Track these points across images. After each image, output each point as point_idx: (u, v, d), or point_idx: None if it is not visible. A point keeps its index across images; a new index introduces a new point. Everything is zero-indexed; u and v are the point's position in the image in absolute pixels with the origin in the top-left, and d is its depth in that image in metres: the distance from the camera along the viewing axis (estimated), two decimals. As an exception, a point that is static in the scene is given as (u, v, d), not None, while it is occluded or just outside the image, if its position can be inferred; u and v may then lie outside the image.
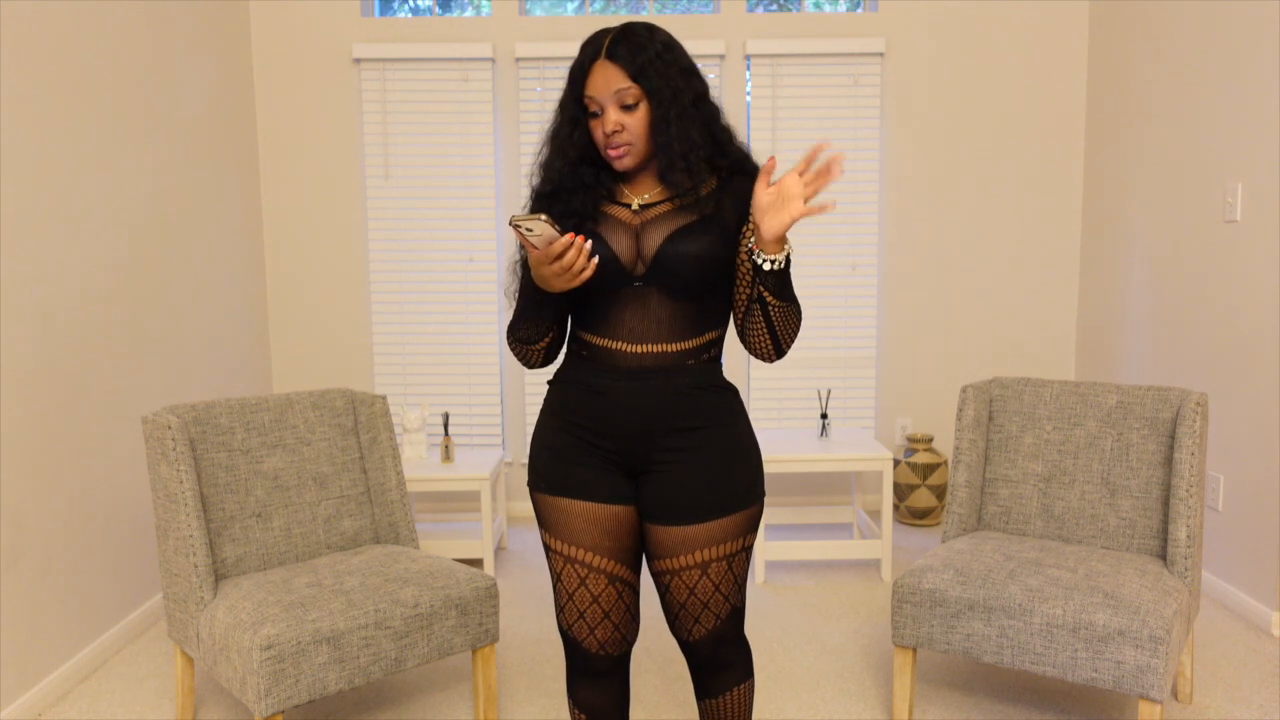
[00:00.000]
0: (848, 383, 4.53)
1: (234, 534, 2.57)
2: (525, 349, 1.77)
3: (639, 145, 1.67)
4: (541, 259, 1.57)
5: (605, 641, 1.80)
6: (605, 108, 1.65)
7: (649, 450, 1.74)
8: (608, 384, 1.73)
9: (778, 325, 1.69)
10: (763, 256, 1.61)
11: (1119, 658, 2.24)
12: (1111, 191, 4.15)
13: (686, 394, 1.72)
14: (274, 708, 2.20)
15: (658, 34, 1.67)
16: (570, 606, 1.79)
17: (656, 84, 1.64)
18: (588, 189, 1.72)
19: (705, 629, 1.79)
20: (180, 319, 3.57)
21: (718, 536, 1.73)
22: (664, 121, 1.65)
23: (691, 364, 1.73)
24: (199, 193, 3.75)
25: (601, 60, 1.65)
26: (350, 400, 2.84)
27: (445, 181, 4.41)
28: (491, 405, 4.52)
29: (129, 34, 3.25)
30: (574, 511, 1.76)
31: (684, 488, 1.72)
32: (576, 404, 1.77)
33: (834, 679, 2.87)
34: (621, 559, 1.78)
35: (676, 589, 1.77)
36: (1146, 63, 3.84)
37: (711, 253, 1.68)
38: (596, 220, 1.71)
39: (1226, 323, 3.35)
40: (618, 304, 1.71)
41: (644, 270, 1.69)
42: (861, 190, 4.42)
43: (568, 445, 1.78)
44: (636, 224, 1.70)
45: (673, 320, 1.71)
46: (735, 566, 1.77)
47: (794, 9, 4.57)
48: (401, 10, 4.62)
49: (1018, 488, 2.79)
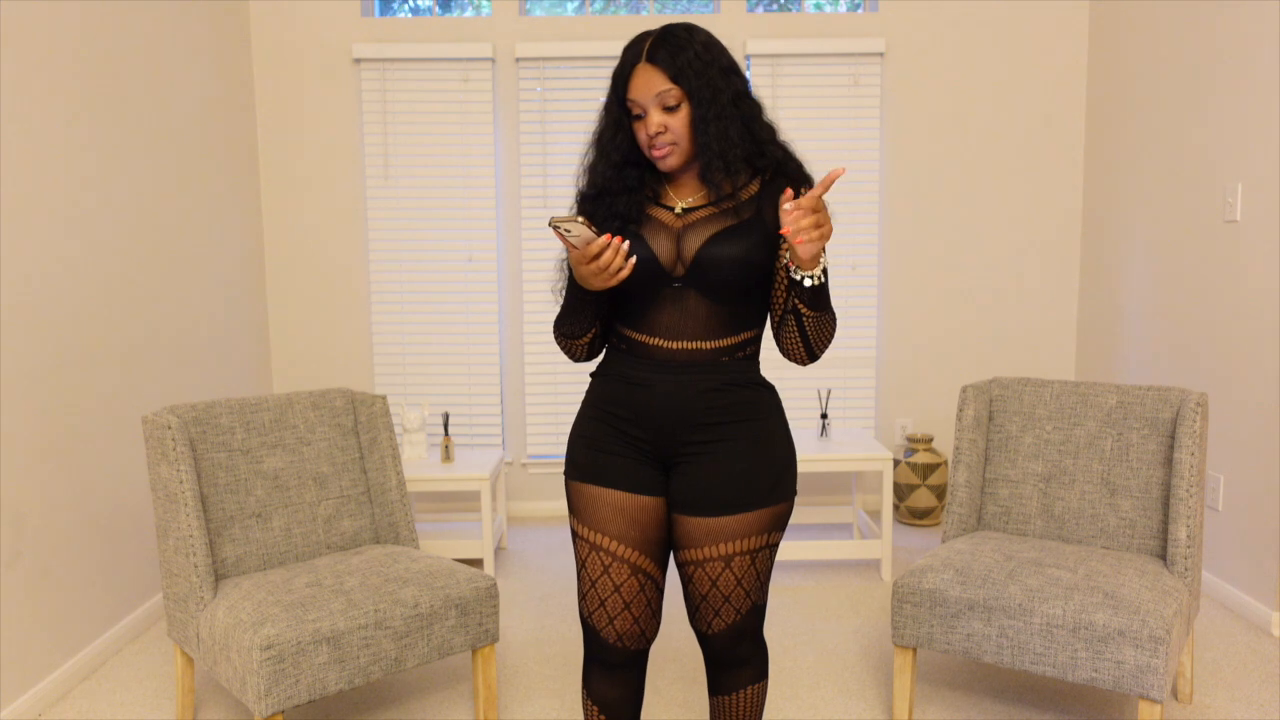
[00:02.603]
0: (848, 383, 4.53)
1: (234, 534, 2.57)
2: (570, 343, 1.82)
3: (683, 145, 1.70)
4: (580, 259, 1.61)
5: (623, 633, 1.81)
6: (648, 110, 1.68)
7: (680, 442, 1.77)
8: (644, 376, 1.77)
9: (811, 334, 1.72)
10: (800, 273, 1.64)
11: (1119, 658, 2.24)
12: (1111, 191, 4.15)
13: (720, 389, 1.75)
14: (274, 708, 2.21)
15: (697, 34, 1.69)
16: (592, 594, 1.81)
17: (696, 84, 1.66)
18: (632, 192, 1.75)
19: (725, 622, 1.81)
20: (180, 319, 3.57)
21: (743, 530, 1.76)
22: (704, 121, 1.67)
23: (726, 360, 1.76)
24: (199, 193, 3.75)
25: (642, 64, 1.67)
26: (350, 400, 2.84)
27: (445, 181, 4.41)
28: (491, 405, 4.52)
29: (129, 34, 3.25)
30: (603, 500, 1.79)
31: (712, 480, 1.75)
32: (613, 395, 1.81)
33: (834, 679, 2.87)
34: (646, 551, 1.80)
35: (699, 580, 1.79)
36: (1146, 63, 3.84)
37: (750, 257, 1.70)
38: (640, 223, 1.74)
39: (1226, 323, 3.35)
40: (657, 303, 1.74)
41: (683, 271, 1.72)
42: (861, 190, 4.42)
43: (602, 435, 1.81)
44: (678, 227, 1.73)
45: (709, 319, 1.74)
46: (759, 562, 1.79)
47: (794, 9, 4.57)
48: (401, 10, 4.62)
49: (1018, 488, 2.79)
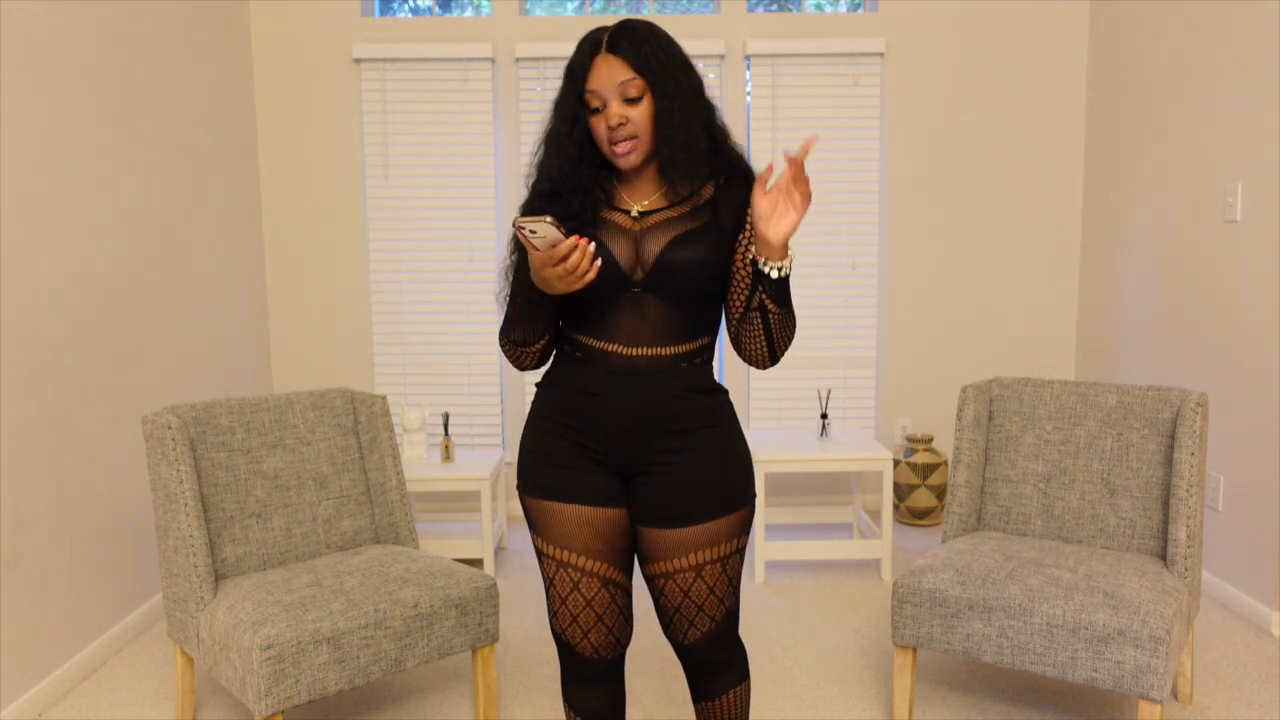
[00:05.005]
0: (848, 383, 4.53)
1: (234, 534, 2.57)
2: (520, 351, 1.75)
3: (644, 139, 1.65)
4: (545, 261, 1.54)
5: (599, 645, 1.79)
6: (608, 101, 1.63)
7: (640, 452, 1.72)
8: (599, 385, 1.71)
9: (775, 333, 1.68)
10: (769, 264, 1.60)
11: (1119, 658, 2.24)
12: (1111, 191, 4.15)
13: (678, 396, 1.71)
14: (274, 708, 2.21)
15: (656, 29, 1.67)
16: (563, 611, 1.78)
17: (659, 76, 1.63)
18: (586, 191, 1.69)
19: (700, 632, 1.77)
20: (180, 319, 3.57)
21: (711, 538, 1.72)
22: (668, 114, 1.63)
23: (684, 367, 1.73)
24: (199, 192, 3.75)
25: (603, 54, 1.64)
26: (350, 400, 2.84)
27: (445, 181, 4.41)
28: (491, 405, 4.52)
29: (129, 34, 3.25)
30: (566, 515, 1.75)
31: (677, 490, 1.71)
32: (567, 406, 1.75)
33: (834, 679, 2.87)
34: (614, 562, 1.77)
35: (670, 592, 1.75)
36: (1146, 63, 3.84)
37: (710, 259, 1.67)
38: (596, 225, 1.69)
39: (1226, 323, 3.35)
40: (614, 308, 1.69)
41: (643, 276, 1.68)
42: (861, 190, 4.42)
43: (558, 448, 1.76)
44: (636, 230, 1.69)
45: (668, 325, 1.70)
46: (729, 568, 1.76)
47: (794, 9, 4.56)
48: (401, 10, 4.62)
49: (1018, 488, 2.78)
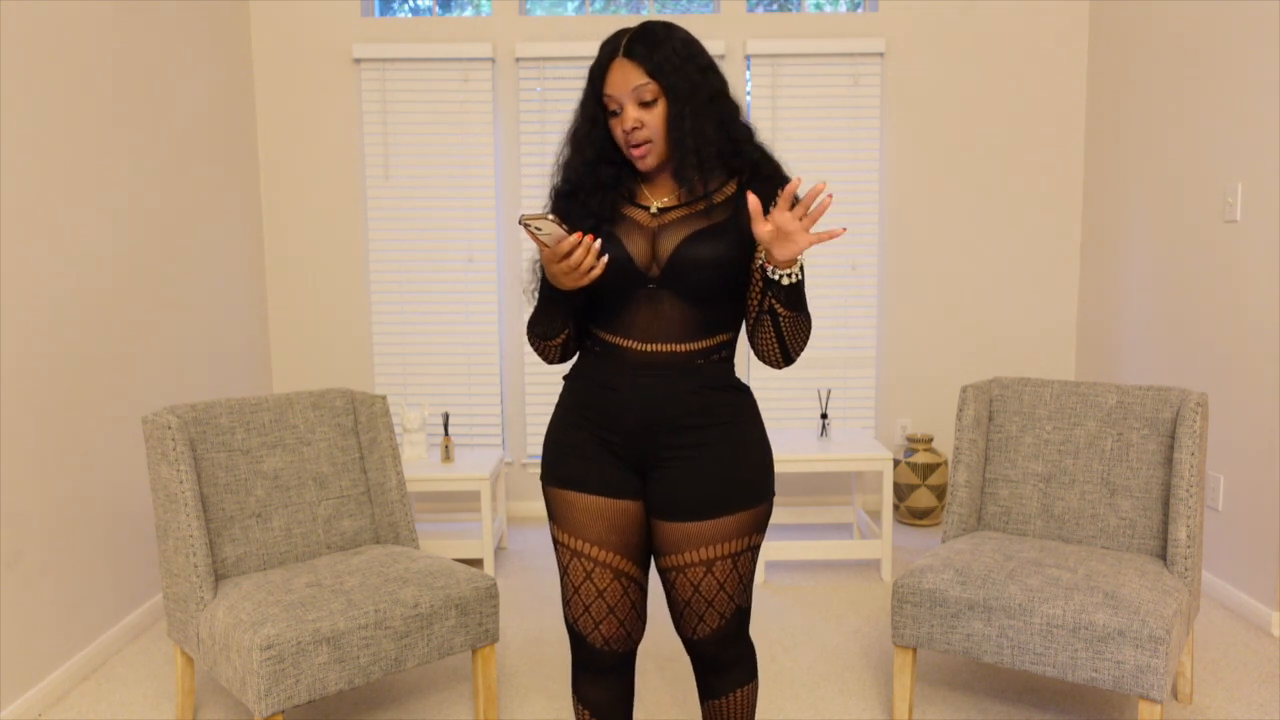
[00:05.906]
0: (848, 383, 4.53)
1: (234, 534, 2.57)
2: (543, 344, 1.80)
3: (659, 142, 1.68)
4: (550, 257, 1.59)
5: (610, 637, 1.81)
6: (624, 105, 1.67)
7: (656, 447, 1.74)
8: (618, 379, 1.74)
9: (787, 335, 1.70)
10: (777, 272, 1.61)
11: (1119, 658, 2.24)
12: (1111, 191, 4.15)
13: (694, 393, 1.73)
14: (274, 708, 2.21)
15: (675, 31, 1.68)
16: (576, 600, 1.80)
17: (672, 80, 1.64)
18: (606, 189, 1.72)
19: (710, 627, 1.79)
20: (180, 319, 3.57)
21: (723, 534, 1.74)
22: (679, 117, 1.65)
23: (701, 364, 1.74)
24: (199, 192, 3.75)
25: (619, 59, 1.66)
26: (350, 400, 2.84)
27: (445, 181, 4.41)
28: (491, 405, 4.52)
29: (129, 34, 3.25)
30: (581, 505, 1.77)
31: (690, 484, 1.73)
32: (588, 399, 1.78)
33: (834, 679, 2.87)
34: (628, 554, 1.79)
35: (681, 586, 1.77)
36: (1146, 63, 3.84)
37: (726, 257, 1.68)
38: (614, 221, 1.72)
39: (1226, 323, 3.35)
40: (631, 304, 1.72)
41: (659, 272, 1.70)
42: (861, 190, 4.42)
43: (579, 440, 1.79)
44: (654, 227, 1.71)
45: (684, 321, 1.72)
46: (740, 565, 1.77)
47: (794, 9, 4.56)
48: (401, 10, 4.62)
49: (1018, 488, 2.78)
